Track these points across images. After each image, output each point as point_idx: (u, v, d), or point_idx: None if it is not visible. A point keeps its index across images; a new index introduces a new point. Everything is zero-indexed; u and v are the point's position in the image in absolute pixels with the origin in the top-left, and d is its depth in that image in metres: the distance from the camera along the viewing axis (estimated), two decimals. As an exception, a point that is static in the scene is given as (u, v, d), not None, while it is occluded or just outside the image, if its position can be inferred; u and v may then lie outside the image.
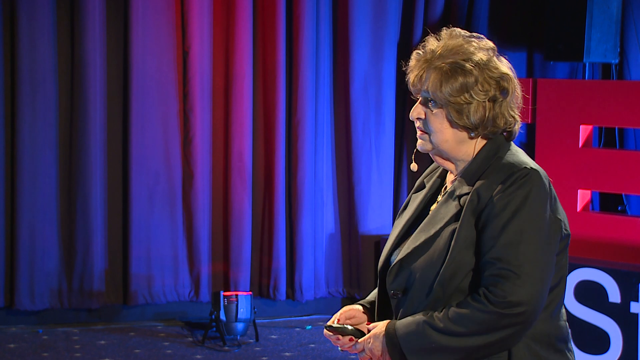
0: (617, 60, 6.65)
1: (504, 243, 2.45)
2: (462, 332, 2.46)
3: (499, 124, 2.57)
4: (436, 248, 2.54)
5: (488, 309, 2.43)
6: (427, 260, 2.55)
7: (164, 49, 6.61)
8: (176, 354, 6.07)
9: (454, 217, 2.55)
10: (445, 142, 2.58)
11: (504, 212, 2.46)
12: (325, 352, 6.17)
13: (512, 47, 7.22)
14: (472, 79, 2.52)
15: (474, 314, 2.45)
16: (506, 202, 2.46)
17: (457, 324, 2.46)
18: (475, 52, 2.55)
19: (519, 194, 2.47)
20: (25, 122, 6.39)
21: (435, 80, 2.54)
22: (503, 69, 2.57)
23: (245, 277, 6.77)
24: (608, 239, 5.84)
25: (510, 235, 2.45)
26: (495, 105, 2.55)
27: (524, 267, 2.43)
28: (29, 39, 6.34)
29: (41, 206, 6.45)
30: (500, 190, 2.48)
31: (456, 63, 2.53)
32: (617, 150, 6.72)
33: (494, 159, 2.56)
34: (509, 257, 2.44)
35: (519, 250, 2.44)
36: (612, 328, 5.35)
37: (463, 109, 2.53)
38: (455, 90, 2.52)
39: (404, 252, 2.60)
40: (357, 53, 6.88)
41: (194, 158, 6.67)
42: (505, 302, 2.42)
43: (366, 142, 6.94)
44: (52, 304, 6.54)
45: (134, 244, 6.61)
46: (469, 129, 2.56)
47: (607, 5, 6.47)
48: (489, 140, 2.60)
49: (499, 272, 2.44)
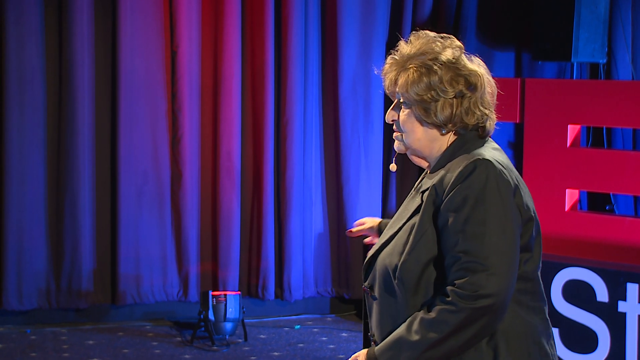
0: (604, 60, 6.66)
1: (468, 236, 2.46)
2: (438, 338, 2.47)
3: (469, 120, 2.60)
4: (397, 243, 2.59)
5: (459, 307, 2.44)
6: (388, 254, 2.61)
7: (153, 49, 6.61)
8: (165, 353, 6.07)
9: (414, 212, 2.60)
10: (417, 141, 2.64)
11: (463, 205, 2.47)
12: (314, 352, 6.17)
13: (501, 47, 7.24)
14: (436, 78, 2.57)
15: (446, 316, 2.46)
16: (464, 196, 2.48)
17: (433, 331, 2.47)
18: (441, 52, 2.60)
19: (475, 186, 2.48)
20: (13, 122, 6.38)
21: (402, 81, 2.60)
22: (471, 66, 2.61)
23: (234, 277, 6.77)
24: (596, 239, 5.85)
25: (474, 228, 2.46)
26: (464, 101, 2.58)
27: (490, 258, 2.44)
28: (16, 38, 6.33)
29: (29, 206, 6.44)
30: (456, 184, 2.50)
31: (422, 63, 2.58)
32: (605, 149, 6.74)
33: (459, 154, 2.59)
34: (474, 250, 2.45)
35: (484, 242, 2.45)
36: (600, 327, 5.37)
37: (430, 107, 2.58)
38: (421, 89, 2.57)
39: (373, 249, 2.68)
40: (346, 53, 6.89)
41: (182, 158, 6.67)
42: (475, 295, 2.43)
43: (355, 141, 6.94)
44: (40, 304, 6.53)
45: (123, 244, 6.60)
46: (438, 126, 2.60)
47: (594, 5, 6.48)
48: (459, 136, 2.63)
49: (466, 266, 2.45)
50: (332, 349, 6.25)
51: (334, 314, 7.08)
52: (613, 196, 6.95)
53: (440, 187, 2.54)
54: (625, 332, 5.30)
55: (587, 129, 7.06)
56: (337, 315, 7.06)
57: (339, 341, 6.42)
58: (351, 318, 6.99)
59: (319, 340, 6.43)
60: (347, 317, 7.02)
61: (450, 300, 2.45)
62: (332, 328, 6.73)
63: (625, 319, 5.29)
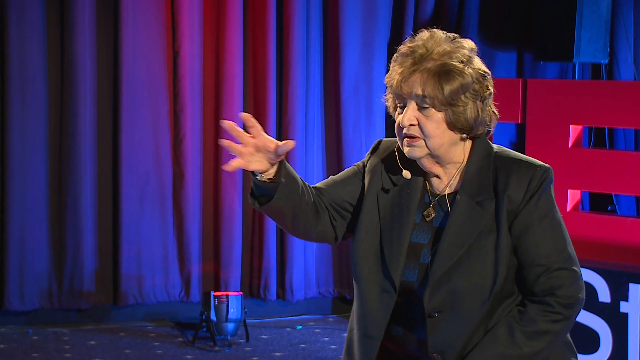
0: (606, 60, 6.66)
1: (551, 245, 2.53)
2: (543, 347, 2.52)
3: (487, 123, 2.56)
4: (478, 261, 2.52)
5: (564, 315, 2.51)
6: (471, 275, 2.51)
7: (154, 49, 6.61)
8: (166, 354, 6.07)
9: (487, 226, 2.53)
10: (441, 146, 2.53)
11: (544, 214, 2.54)
12: (316, 352, 6.17)
13: (502, 47, 7.23)
14: (469, 79, 2.50)
15: (551, 326, 2.51)
16: (542, 204, 2.54)
17: (539, 340, 2.51)
18: (464, 53, 2.52)
19: (546, 194, 2.55)
20: (15, 122, 6.37)
21: (433, 82, 2.48)
22: (484, 68, 2.57)
23: (236, 277, 6.77)
24: (598, 239, 5.84)
25: (553, 236, 2.54)
26: (485, 104, 2.54)
27: (571, 262, 2.54)
28: (18, 38, 6.33)
29: (31, 206, 6.44)
30: (531, 193, 2.53)
31: (451, 65, 2.49)
32: (607, 150, 6.73)
33: (492, 158, 2.57)
34: (560, 258, 2.53)
35: (565, 249, 2.54)
36: (602, 328, 5.36)
37: (461, 111, 2.51)
38: (455, 92, 2.48)
39: (439, 271, 2.52)
40: (348, 53, 6.88)
41: (184, 158, 6.66)
42: (576, 302, 2.52)
43: (357, 141, 6.94)
44: (42, 304, 6.53)
45: (124, 244, 6.60)
46: (464, 130, 2.53)
47: (596, 6, 6.48)
48: (475, 140, 2.59)
49: (559, 274, 2.51)
50: (334, 349, 6.25)
51: (336, 315, 7.08)
52: (615, 196, 6.95)
53: (514, 196, 2.52)
54: (627, 332, 5.29)
55: (589, 129, 7.05)
56: (339, 315, 7.06)
57: (340, 341, 6.41)
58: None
59: (320, 341, 6.43)
60: (349, 318, 7.01)
61: (554, 310, 2.50)
62: (334, 328, 6.73)
63: (627, 320, 5.29)
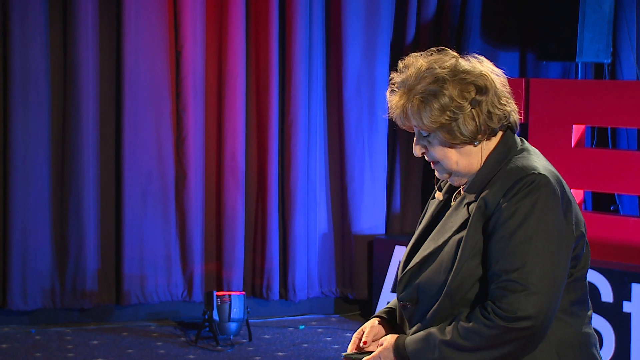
0: (609, 60, 6.66)
1: (511, 253, 2.39)
2: (470, 347, 2.43)
3: (494, 123, 2.51)
4: (443, 258, 2.51)
5: (495, 323, 2.39)
6: (434, 271, 2.52)
7: (157, 49, 6.61)
8: (169, 353, 6.07)
9: (461, 226, 2.51)
10: (455, 164, 2.52)
11: (510, 221, 2.40)
12: (318, 352, 6.17)
13: (505, 47, 7.23)
14: (445, 98, 2.47)
15: (481, 328, 2.41)
16: (513, 211, 2.40)
17: (465, 339, 2.43)
18: (438, 69, 2.49)
19: (526, 202, 2.40)
20: (18, 122, 6.38)
21: (414, 114, 2.50)
22: (474, 70, 2.52)
23: (238, 277, 6.77)
24: (601, 239, 5.84)
25: (518, 245, 2.39)
26: (482, 107, 2.49)
27: (531, 278, 2.37)
28: (21, 38, 6.33)
29: (34, 206, 6.44)
30: (508, 198, 2.42)
31: (425, 90, 2.48)
32: (609, 150, 6.73)
33: (504, 163, 2.51)
34: (515, 269, 2.38)
35: (527, 261, 2.38)
36: (605, 327, 5.36)
37: (453, 128, 2.48)
38: (435, 116, 2.47)
39: (414, 262, 2.57)
40: (350, 53, 6.88)
41: (186, 158, 6.67)
42: (512, 317, 2.37)
43: (359, 141, 6.94)
44: (44, 304, 6.53)
45: (127, 244, 6.60)
46: (468, 142, 2.51)
47: (599, 5, 6.48)
48: (499, 142, 2.54)
49: (505, 285, 2.39)
50: (336, 349, 6.25)
51: (339, 314, 7.08)
52: (618, 196, 6.95)
53: (492, 199, 2.45)
54: (630, 332, 5.29)
55: (591, 129, 7.05)
56: (341, 315, 7.06)
57: (343, 341, 6.41)
58: (355, 318, 6.99)
59: (323, 341, 6.43)
60: (352, 317, 7.02)
61: (488, 315, 2.40)
62: (337, 328, 6.73)
63: (630, 320, 5.29)
